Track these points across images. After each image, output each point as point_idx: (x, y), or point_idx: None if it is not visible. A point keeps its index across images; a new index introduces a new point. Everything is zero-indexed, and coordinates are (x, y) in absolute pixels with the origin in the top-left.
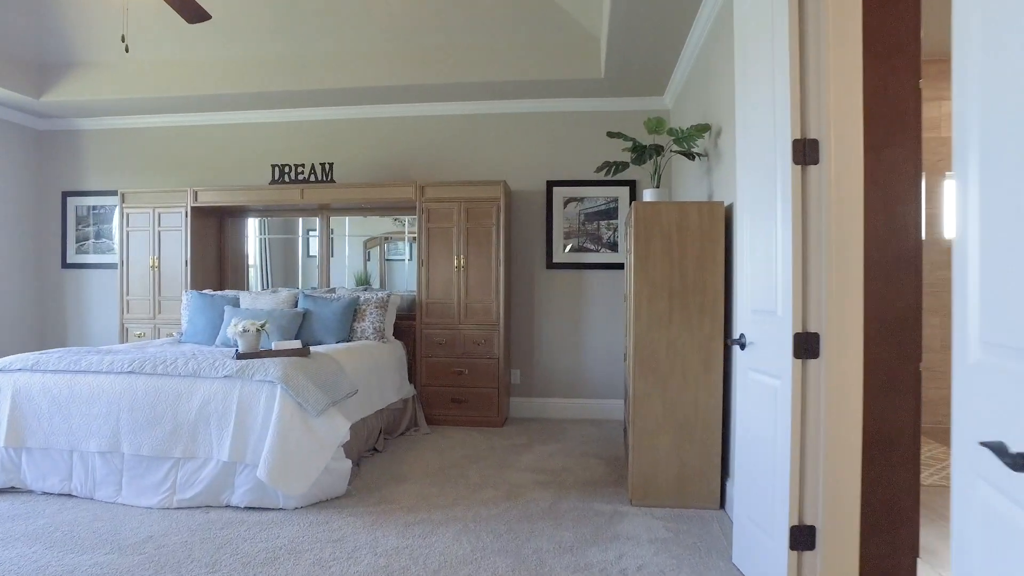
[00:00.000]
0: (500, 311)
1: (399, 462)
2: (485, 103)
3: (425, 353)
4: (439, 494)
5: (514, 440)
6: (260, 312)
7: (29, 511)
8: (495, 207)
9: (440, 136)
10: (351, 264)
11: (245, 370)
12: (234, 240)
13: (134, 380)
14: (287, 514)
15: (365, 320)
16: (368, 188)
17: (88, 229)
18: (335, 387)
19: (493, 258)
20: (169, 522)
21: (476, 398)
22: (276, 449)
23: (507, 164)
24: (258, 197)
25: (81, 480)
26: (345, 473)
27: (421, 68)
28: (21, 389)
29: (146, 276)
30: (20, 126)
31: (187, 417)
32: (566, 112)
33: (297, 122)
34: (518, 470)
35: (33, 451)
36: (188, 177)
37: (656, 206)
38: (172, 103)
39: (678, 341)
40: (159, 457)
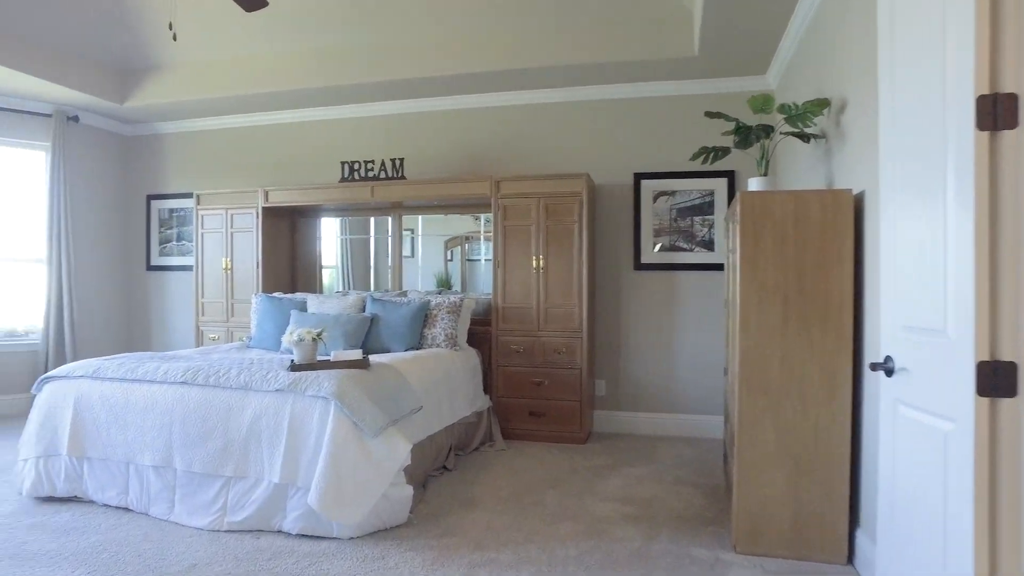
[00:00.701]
0: (583, 316)
1: (470, 483)
2: (565, 90)
3: (501, 362)
4: (511, 526)
5: (598, 460)
6: (325, 317)
7: (86, 525)
8: (577, 203)
9: (517, 127)
10: (432, 265)
11: (298, 384)
12: (306, 241)
13: (186, 391)
14: (340, 545)
15: (436, 326)
16: (440, 184)
17: (170, 231)
18: (396, 404)
19: (575, 258)
20: (216, 548)
21: (556, 411)
22: (328, 474)
23: (590, 156)
24: (327, 196)
25: (137, 494)
26: (406, 500)
27: (494, 54)
28: (83, 397)
29: (220, 278)
30: (108, 132)
31: (238, 433)
32: (654, 97)
33: (367, 117)
34: (602, 498)
35: (94, 461)
36: (261, 177)
37: (767, 196)
38: (244, 102)
39: (794, 356)
40: (210, 475)
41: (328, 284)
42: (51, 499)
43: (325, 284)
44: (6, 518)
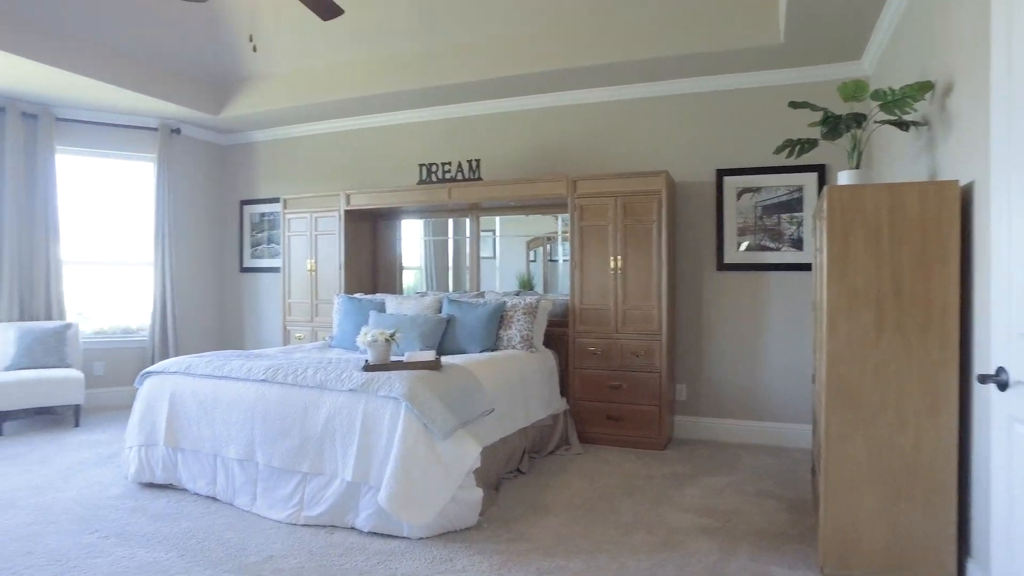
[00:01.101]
0: (662, 319)
1: (543, 488)
2: (642, 86)
3: (578, 364)
4: (583, 534)
5: (676, 467)
6: (402, 318)
7: (179, 511)
8: (655, 201)
9: (593, 125)
10: (514, 266)
11: (370, 384)
12: (387, 243)
13: (267, 389)
14: (410, 545)
15: (512, 327)
16: (516, 185)
17: (261, 235)
18: (467, 405)
19: (654, 259)
20: (292, 541)
21: (634, 416)
22: (398, 474)
23: (669, 153)
24: (406, 198)
25: (223, 485)
26: (475, 503)
27: (568, 51)
28: (176, 391)
29: (305, 279)
30: (206, 142)
31: (314, 431)
32: (737, 89)
33: (445, 119)
34: (679, 509)
35: (186, 452)
36: (344, 181)
37: (857, 190)
38: (326, 109)
39: (889, 366)
40: (288, 470)
41: (412, 285)
42: (151, 485)
43: (409, 285)
44: (114, 500)
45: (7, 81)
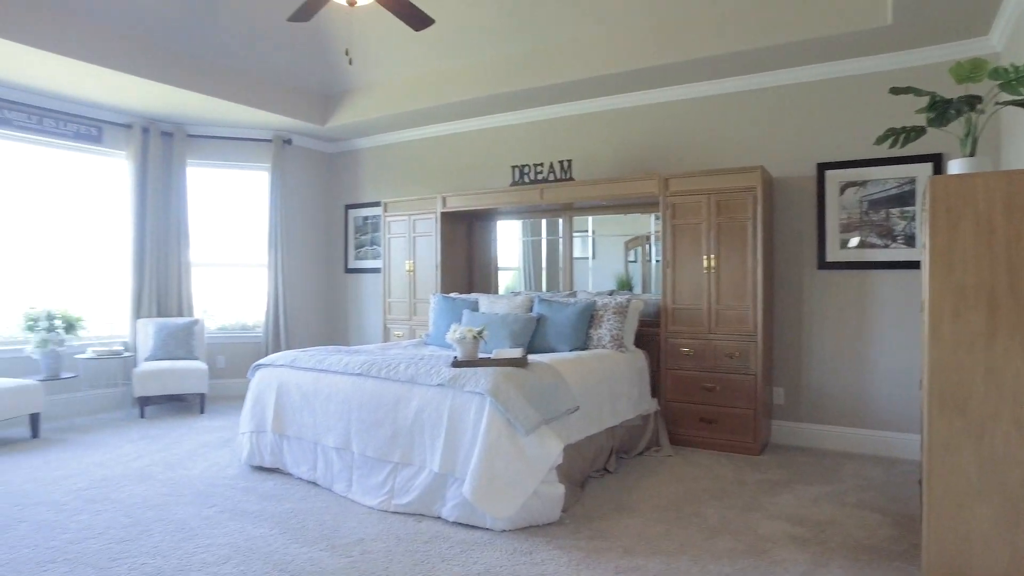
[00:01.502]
0: (757, 319)
1: (629, 488)
2: (735, 79)
3: (670, 364)
4: (665, 536)
5: (770, 474)
6: (493, 317)
7: (283, 493)
8: (750, 198)
9: (685, 122)
10: (611, 266)
11: (457, 379)
12: (482, 244)
13: (362, 382)
14: (492, 536)
15: (602, 327)
16: (607, 184)
17: (364, 237)
18: (551, 402)
19: (749, 258)
20: (383, 526)
21: (728, 419)
22: (481, 467)
23: (765, 147)
24: (499, 200)
25: (323, 471)
26: (557, 499)
27: (658, 48)
28: (283, 383)
29: (404, 279)
30: (314, 151)
31: (404, 423)
32: (840, 78)
33: (536, 121)
34: (769, 516)
35: (291, 439)
36: (440, 184)
37: (966, 179)
38: (422, 115)
39: (1004, 371)
40: (380, 460)
41: (511, 285)
42: (261, 468)
43: (509, 285)
44: (230, 480)
45: (149, 104)
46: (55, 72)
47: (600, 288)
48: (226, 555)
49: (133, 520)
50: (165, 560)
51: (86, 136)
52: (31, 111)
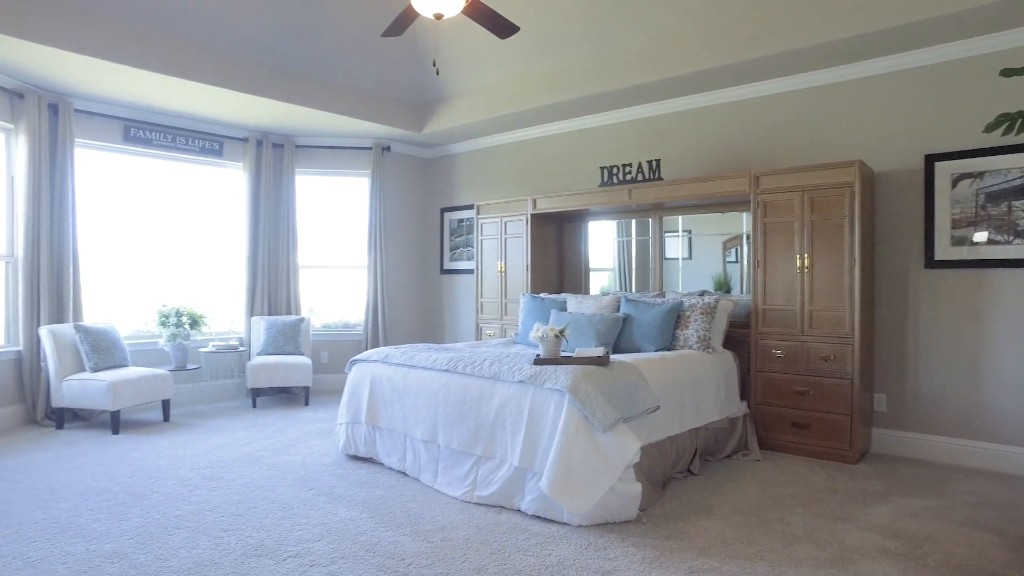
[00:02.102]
0: (855, 321)
1: (711, 491)
2: (829, 71)
3: (760, 367)
4: (744, 539)
5: (866, 484)
6: (579, 317)
7: (374, 481)
8: (847, 194)
9: (778, 118)
10: (708, 266)
11: (537, 376)
12: (573, 244)
13: (448, 378)
14: (569, 531)
15: (689, 328)
16: (695, 183)
17: (459, 239)
18: (631, 401)
19: (846, 256)
20: (464, 516)
21: (822, 425)
22: (559, 462)
23: (864, 140)
24: (587, 200)
25: (411, 462)
26: (634, 497)
27: (748, 42)
28: (376, 377)
29: (495, 280)
30: (412, 157)
31: (487, 418)
32: (946, 62)
33: (625, 122)
34: (860, 527)
35: (383, 431)
36: (531, 186)
37: None
38: (513, 120)
39: None
40: (464, 452)
41: (607, 286)
42: (355, 457)
43: (604, 286)
44: (327, 466)
45: (263, 119)
46: (186, 95)
47: (693, 289)
48: (319, 534)
49: (242, 497)
50: (267, 535)
51: (209, 150)
52: (166, 131)
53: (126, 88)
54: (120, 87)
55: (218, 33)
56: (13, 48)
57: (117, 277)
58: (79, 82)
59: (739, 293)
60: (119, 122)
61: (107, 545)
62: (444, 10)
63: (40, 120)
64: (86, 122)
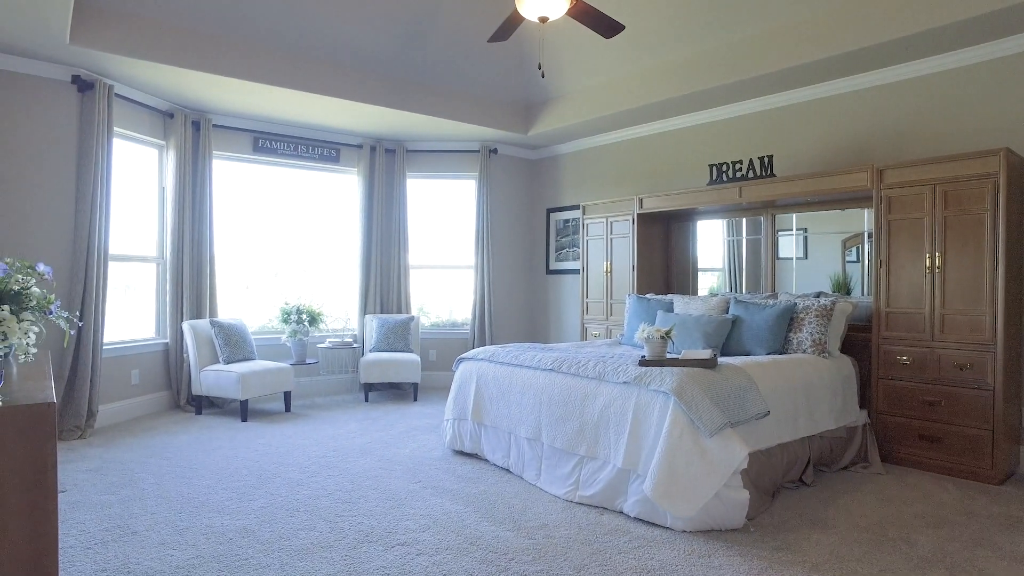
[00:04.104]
0: (998, 327)
1: (826, 503)
2: (965, 52)
3: (883, 374)
4: (861, 558)
5: (1013, 509)
6: (687, 318)
7: (479, 476)
8: (989, 186)
9: (903, 106)
10: (826, 266)
11: (643, 378)
12: (680, 244)
13: (553, 377)
14: (671, 535)
15: (802, 331)
16: (811, 180)
17: (565, 239)
18: (739, 406)
19: (987, 255)
20: (566, 515)
21: (957, 439)
22: (663, 465)
23: (1012, 125)
24: (696, 199)
25: (515, 459)
26: (741, 504)
27: (868, 27)
28: (482, 375)
29: (601, 280)
30: (518, 158)
31: (591, 418)
32: None
33: (735, 117)
34: (1004, 556)
35: (488, 428)
36: (637, 186)
37: None
38: (619, 119)
39: None
40: (568, 452)
41: (716, 287)
42: (461, 452)
43: (713, 287)
44: (434, 460)
45: (376, 126)
46: (307, 107)
47: (808, 290)
48: (425, 524)
49: (355, 486)
50: (377, 522)
51: (327, 157)
52: (289, 140)
53: (257, 103)
54: (252, 102)
55: (335, 47)
56: (163, 73)
57: (247, 276)
58: (219, 100)
59: (860, 295)
60: (249, 134)
61: (238, 521)
62: (549, 13)
63: (185, 136)
64: (221, 136)
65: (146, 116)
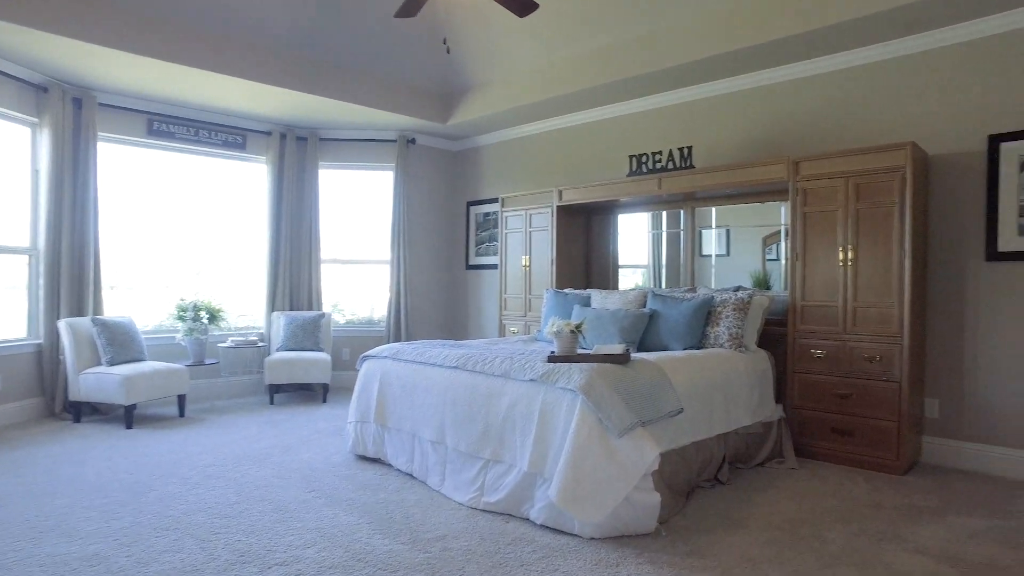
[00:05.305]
0: (904, 319)
1: (741, 502)
2: (878, 47)
3: (798, 367)
4: (773, 559)
5: (916, 499)
6: (603, 312)
7: (380, 483)
8: (897, 179)
9: (820, 100)
10: (748, 263)
11: (550, 375)
12: (601, 238)
13: (457, 375)
14: (579, 544)
15: (720, 325)
16: (729, 171)
17: (485, 233)
18: (651, 403)
19: (895, 248)
20: (468, 524)
21: (866, 431)
22: (569, 468)
23: (917, 120)
24: (614, 191)
25: (419, 464)
26: (652, 508)
27: (786, 18)
28: (386, 374)
29: (519, 275)
30: (438, 149)
31: (496, 419)
32: (1011, 32)
33: (656, 109)
34: (908, 549)
35: (391, 430)
36: (558, 178)
37: None
38: (539, 109)
39: None
40: (472, 455)
41: (642, 283)
42: (364, 458)
43: (638, 284)
44: (334, 467)
45: (287, 112)
46: (209, 88)
47: (724, 285)
48: (312, 539)
49: (241, 498)
50: (257, 539)
51: (232, 144)
52: (189, 124)
53: (150, 81)
54: (144, 80)
55: (241, 24)
56: (37, 41)
57: (140, 271)
58: (103, 75)
59: (779, 291)
60: (142, 116)
61: (91, 547)
62: None
63: (64, 114)
64: (110, 116)
65: (13, 89)
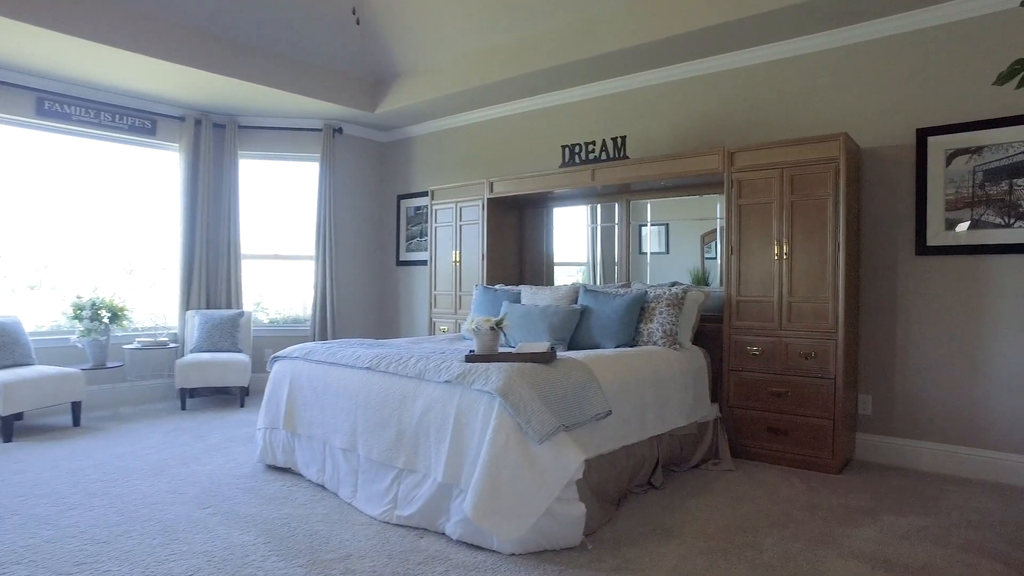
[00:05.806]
0: (839, 314)
1: (674, 509)
2: (811, 38)
3: (734, 365)
4: (707, 571)
5: (851, 499)
6: (532, 309)
7: (287, 496)
8: (831, 171)
9: (754, 91)
10: (688, 260)
11: (466, 376)
12: (535, 233)
13: (370, 377)
14: (498, 561)
15: (653, 321)
16: (664, 162)
17: (416, 228)
18: (575, 406)
19: (830, 242)
20: (378, 541)
21: (801, 430)
22: (485, 478)
23: (849, 113)
24: (548, 183)
25: (330, 474)
26: (577, 520)
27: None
28: (296, 376)
29: (449, 271)
30: (366, 140)
31: (410, 423)
32: (942, 25)
33: (590, 99)
34: (844, 554)
35: (302, 438)
36: (491, 170)
37: None
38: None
39: None
40: (385, 464)
41: (582, 281)
42: (274, 467)
43: (577, 281)
44: (238, 479)
45: (202, 96)
46: (111, 65)
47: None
48: (196, 565)
49: (123, 518)
50: (131, 568)
51: (140, 129)
52: (89, 105)
53: (40, 54)
54: (33, 52)
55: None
56: None
57: (29, 267)
58: None
59: (717, 287)
60: (31, 93)
61: None
62: None
63: None
64: None
65: None
